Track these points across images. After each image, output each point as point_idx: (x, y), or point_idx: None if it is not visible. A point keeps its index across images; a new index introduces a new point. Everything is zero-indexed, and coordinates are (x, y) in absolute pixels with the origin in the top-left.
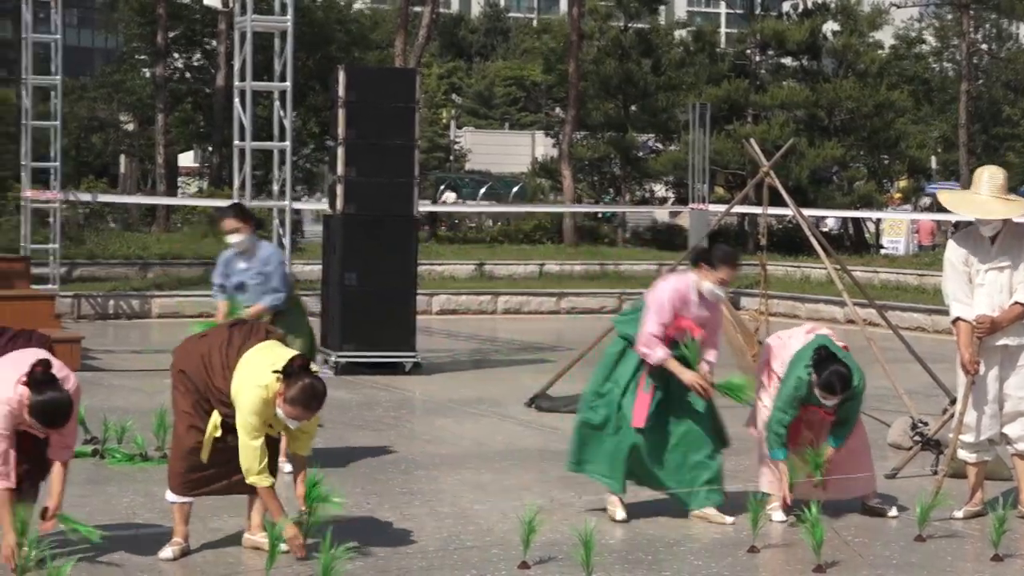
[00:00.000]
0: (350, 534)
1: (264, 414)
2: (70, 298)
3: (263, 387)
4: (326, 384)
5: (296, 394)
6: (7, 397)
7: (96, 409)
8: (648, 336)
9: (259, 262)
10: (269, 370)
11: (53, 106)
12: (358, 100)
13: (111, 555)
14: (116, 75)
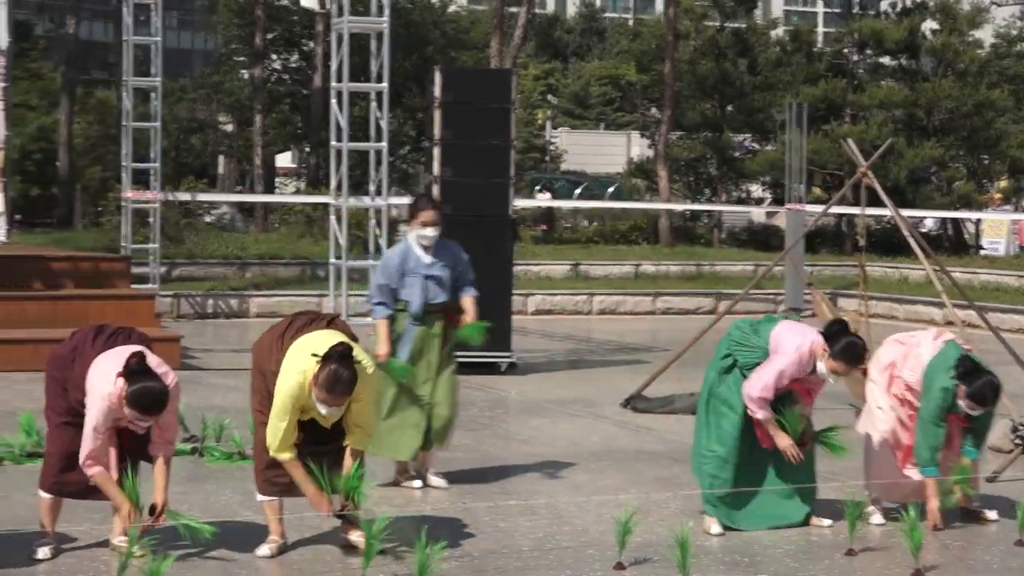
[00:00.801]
0: (446, 533)
1: (298, 398)
2: (170, 297)
3: (301, 372)
4: (353, 374)
5: (322, 378)
6: (107, 392)
7: (195, 408)
8: (759, 399)
9: (449, 255)
10: (310, 354)
11: (153, 107)
12: (454, 101)
13: (210, 552)
14: (215, 76)
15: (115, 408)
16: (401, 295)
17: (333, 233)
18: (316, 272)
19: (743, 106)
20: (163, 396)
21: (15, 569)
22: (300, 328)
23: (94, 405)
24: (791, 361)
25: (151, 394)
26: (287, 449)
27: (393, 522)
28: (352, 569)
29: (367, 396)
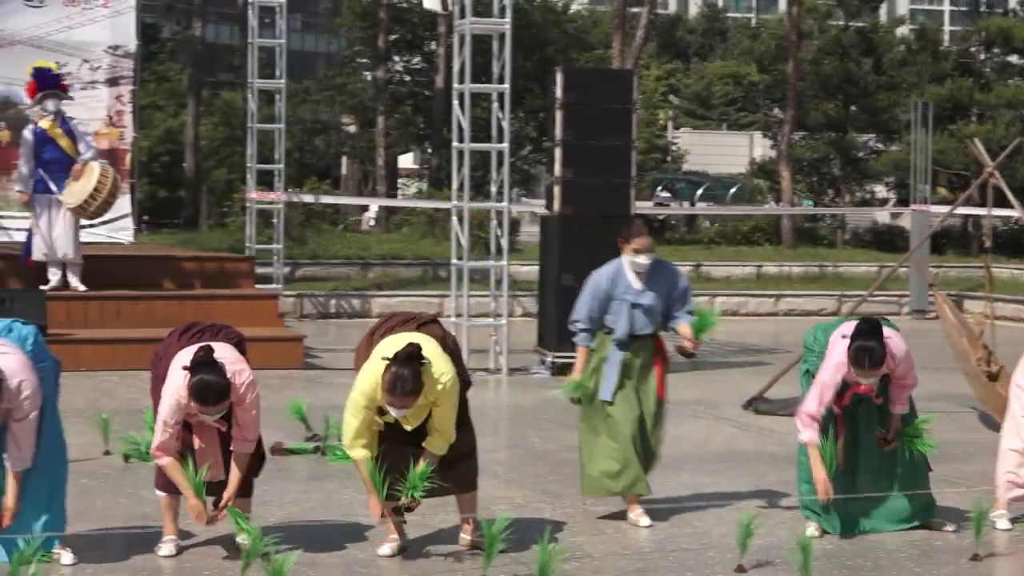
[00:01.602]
0: (567, 534)
1: (370, 398)
2: (293, 297)
3: (374, 373)
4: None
5: (385, 380)
6: (177, 386)
7: (318, 407)
8: (805, 415)
9: (664, 282)
10: (382, 357)
11: (277, 109)
12: (576, 101)
13: (333, 550)
14: (338, 78)
15: (183, 402)
16: (605, 320)
17: (455, 234)
18: (437, 272)
19: (867, 106)
20: (219, 388)
21: (142, 566)
22: (390, 329)
23: (164, 399)
24: (828, 372)
25: (207, 386)
26: (359, 446)
27: (514, 522)
28: (472, 569)
29: (446, 402)
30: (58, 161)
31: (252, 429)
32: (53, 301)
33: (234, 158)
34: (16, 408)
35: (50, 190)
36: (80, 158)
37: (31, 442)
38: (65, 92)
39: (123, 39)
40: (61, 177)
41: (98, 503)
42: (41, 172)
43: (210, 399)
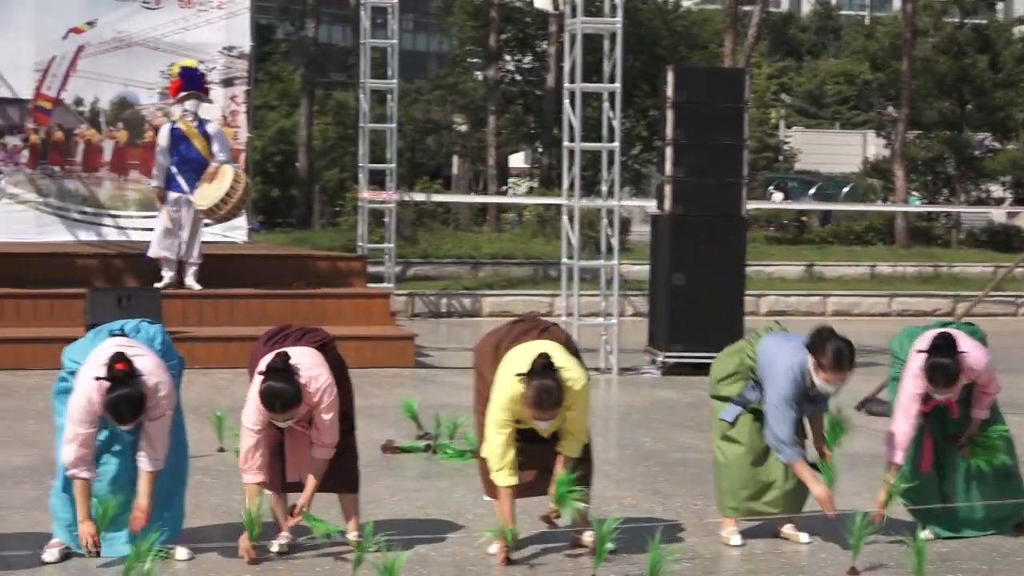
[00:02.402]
0: (678, 534)
1: (511, 411)
2: (404, 296)
3: (509, 386)
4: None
5: (529, 396)
6: (254, 392)
7: (428, 406)
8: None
9: None
10: (515, 372)
11: (389, 109)
12: (687, 100)
13: (443, 548)
14: (450, 78)
15: (262, 409)
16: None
17: (565, 233)
18: (548, 272)
19: (983, 104)
20: (286, 396)
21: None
22: (515, 338)
23: (247, 406)
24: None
25: (274, 393)
26: (506, 471)
27: (624, 522)
28: (583, 568)
29: (579, 405)
30: (191, 161)
31: (329, 434)
32: (168, 299)
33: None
34: (153, 407)
35: (181, 189)
36: (214, 160)
37: (165, 441)
38: (206, 94)
39: (238, 40)
40: (193, 177)
41: (212, 499)
42: (174, 170)
43: (276, 406)
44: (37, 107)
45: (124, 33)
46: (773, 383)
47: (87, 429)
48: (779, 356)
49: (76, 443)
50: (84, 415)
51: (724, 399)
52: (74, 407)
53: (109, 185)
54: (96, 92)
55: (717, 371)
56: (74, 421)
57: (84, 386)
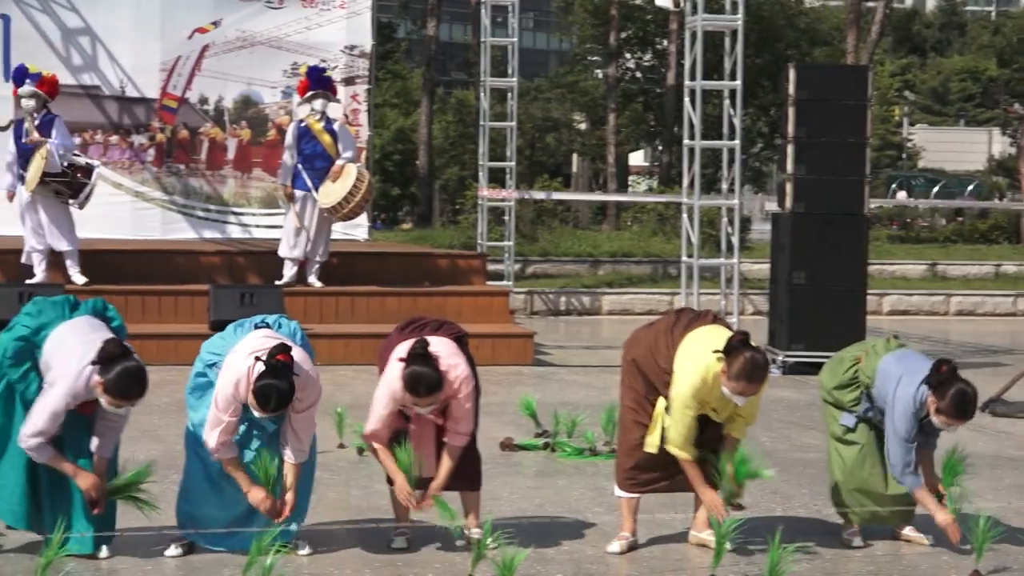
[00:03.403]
0: (798, 534)
1: (701, 394)
2: (523, 294)
3: (703, 367)
4: (767, 362)
5: (738, 368)
6: (391, 378)
7: (547, 403)
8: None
9: None
10: (710, 350)
11: (509, 107)
12: (808, 98)
13: (563, 546)
14: (569, 76)
15: (397, 393)
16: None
17: (685, 231)
18: (668, 270)
19: None
20: (430, 381)
21: (376, 557)
22: (688, 324)
23: (380, 388)
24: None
25: (419, 377)
26: (688, 447)
27: (744, 522)
28: (701, 568)
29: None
30: (317, 158)
31: (466, 423)
32: (290, 296)
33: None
34: (300, 400)
35: (307, 187)
36: (339, 159)
37: (310, 433)
38: (334, 94)
39: (359, 39)
40: (318, 175)
41: (331, 495)
42: (300, 168)
43: (421, 390)
44: (163, 106)
45: (248, 33)
46: (890, 413)
47: (231, 417)
48: (899, 386)
49: (219, 429)
50: (229, 402)
51: (839, 406)
52: (220, 394)
53: (232, 183)
54: (220, 91)
55: (830, 379)
56: (219, 408)
57: (234, 373)
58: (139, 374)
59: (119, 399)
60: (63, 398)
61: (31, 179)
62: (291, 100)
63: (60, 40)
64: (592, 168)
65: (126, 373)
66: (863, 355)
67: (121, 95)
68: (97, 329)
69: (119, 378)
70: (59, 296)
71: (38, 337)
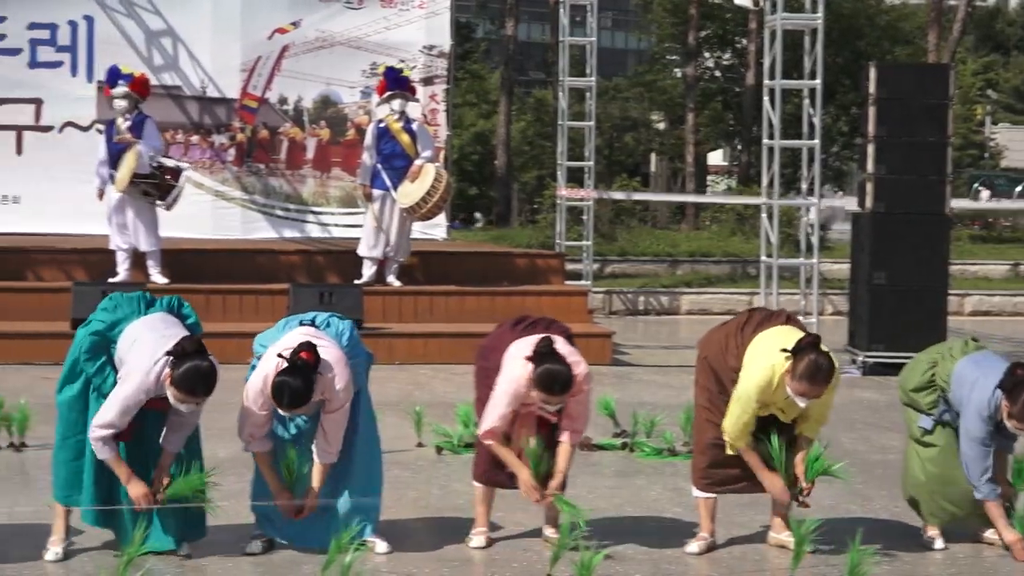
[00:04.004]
0: (876, 536)
1: (766, 394)
2: (602, 294)
3: (770, 367)
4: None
5: (802, 369)
6: (516, 375)
7: (625, 403)
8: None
9: None
10: (778, 349)
11: (588, 107)
12: (889, 97)
13: (641, 546)
14: (648, 75)
15: (522, 392)
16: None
17: (764, 231)
18: (747, 270)
19: None
20: (566, 379)
21: (454, 556)
22: (759, 323)
23: (502, 386)
24: None
25: (555, 376)
26: (744, 438)
27: (823, 523)
28: (781, 569)
29: (833, 388)
30: (396, 158)
31: (583, 421)
32: (369, 296)
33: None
34: (330, 400)
35: (386, 187)
36: (418, 159)
37: (339, 435)
38: (412, 94)
39: (438, 39)
40: (397, 175)
41: (411, 494)
42: (379, 167)
43: (556, 388)
44: (243, 106)
45: (327, 33)
46: (966, 418)
47: (260, 410)
48: (973, 390)
49: (249, 420)
50: (257, 394)
51: (917, 408)
52: (250, 387)
53: (312, 182)
54: (299, 91)
55: (909, 380)
56: (248, 399)
57: (263, 368)
58: (208, 373)
59: (184, 394)
60: (135, 391)
61: (121, 179)
62: (370, 100)
63: (143, 42)
64: (671, 167)
65: (195, 369)
66: (939, 358)
67: (202, 95)
68: (172, 326)
69: (187, 373)
70: (135, 292)
71: (113, 332)
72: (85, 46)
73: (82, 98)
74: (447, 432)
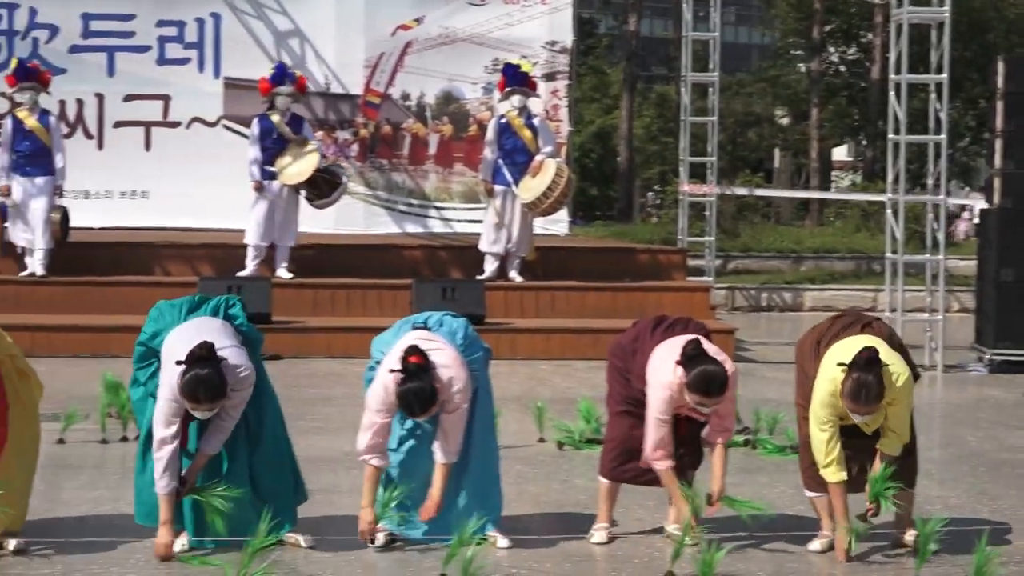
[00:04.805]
0: (1005, 536)
1: (832, 406)
2: (724, 290)
3: (832, 380)
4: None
5: (847, 387)
6: (667, 381)
7: (748, 400)
8: None
9: None
10: (836, 363)
11: (711, 102)
12: (1018, 91)
13: (763, 543)
14: (772, 70)
15: (676, 397)
16: None
17: (889, 227)
18: (871, 266)
19: None
20: (722, 379)
21: (575, 551)
22: (837, 333)
23: (655, 395)
24: None
25: (712, 377)
26: (834, 467)
27: (949, 523)
28: (906, 569)
29: (901, 401)
30: (518, 153)
31: (731, 418)
32: (491, 291)
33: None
34: (447, 401)
35: (507, 182)
36: (539, 154)
37: (459, 435)
38: (532, 90)
39: (560, 35)
40: (518, 171)
41: (531, 489)
42: (500, 163)
43: (714, 390)
44: (366, 102)
45: (450, 29)
46: None
47: (383, 419)
48: None
49: (372, 431)
50: (380, 404)
51: None
52: (372, 396)
53: (434, 178)
54: (422, 87)
55: None
56: (371, 409)
57: (382, 377)
58: (207, 379)
59: (189, 401)
60: (165, 401)
61: (299, 172)
62: (492, 96)
63: (268, 38)
64: (794, 163)
65: (194, 378)
66: None
67: (326, 91)
68: (206, 331)
69: (187, 381)
70: (181, 298)
71: (155, 342)
72: (212, 43)
73: (209, 94)
74: (568, 428)
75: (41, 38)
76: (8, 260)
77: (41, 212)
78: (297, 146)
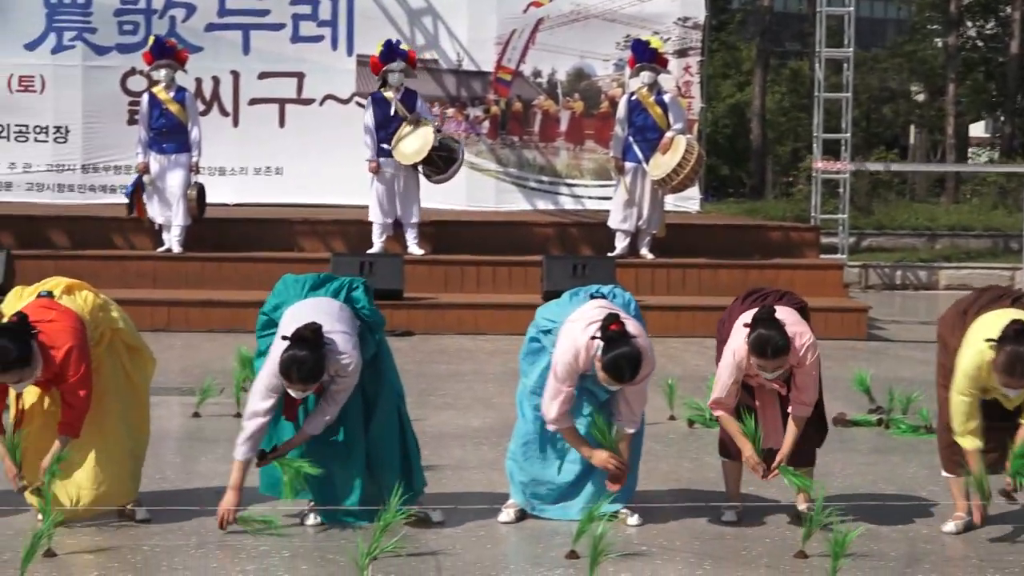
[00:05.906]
0: None
1: (976, 379)
2: (858, 268)
3: (979, 352)
4: None
5: (1000, 361)
6: (736, 347)
7: (881, 379)
8: None
9: None
10: (984, 337)
11: (845, 78)
12: None
13: (896, 524)
14: (908, 45)
15: (742, 361)
16: None
17: None
18: (1009, 244)
19: None
20: (777, 344)
21: (703, 528)
22: (985, 305)
23: (725, 359)
24: None
25: (766, 340)
26: (970, 433)
27: None
28: None
29: None
30: (648, 130)
31: (810, 392)
32: (622, 268)
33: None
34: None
35: (637, 159)
36: (669, 131)
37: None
38: (662, 66)
39: (693, 11)
40: (649, 147)
41: (662, 466)
42: (631, 140)
43: (769, 353)
44: (497, 79)
45: (582, 6)
46: None
47: (569, 387)
48: None
49: (559, 399)
50: (568, 372)
51: None
52: (560, 364)
53: (565, 155)
54: (553, 64)
55: None
56: (558, 378)
57: (572, 343)
58: (301, 361)
59: (284, 380)
60: (267, 376)
61: (416, 152)
62: (623, 72)
63: (402, 17)
64: (930, 140)
65: (290, 358)
66: None
67: (458, 68)
68: (320, 312)
69: (284, 360)
70: (306, 275)
71: (276, 314)
72: (345, 21)
73: (342, 71)
74: (699, 405)
75: (178, 16)
76: (146, 236)
77: (178, 189)
78: (412, 124)
